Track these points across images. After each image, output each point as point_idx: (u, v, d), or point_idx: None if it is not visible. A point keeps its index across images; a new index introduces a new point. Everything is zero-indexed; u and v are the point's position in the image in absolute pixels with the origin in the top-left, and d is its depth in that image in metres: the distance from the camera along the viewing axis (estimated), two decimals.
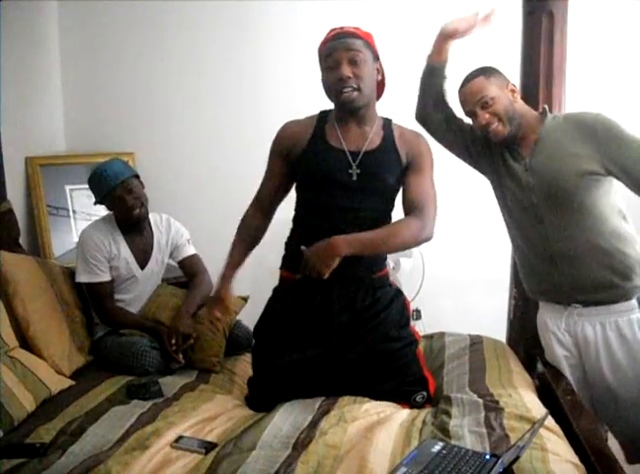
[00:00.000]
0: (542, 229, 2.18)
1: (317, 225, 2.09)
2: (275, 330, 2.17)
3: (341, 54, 2.01)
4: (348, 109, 2.07)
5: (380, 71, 2.13)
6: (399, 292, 2.26)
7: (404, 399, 2.13)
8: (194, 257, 2.84)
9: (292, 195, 2.24)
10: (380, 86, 2.17)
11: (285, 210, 2.26)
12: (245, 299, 2.78)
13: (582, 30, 2.97)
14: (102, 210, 3.15)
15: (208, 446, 1.76)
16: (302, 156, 2.12)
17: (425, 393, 2.17)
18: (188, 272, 2.83)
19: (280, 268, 2.23)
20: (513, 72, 2.67)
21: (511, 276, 2.73)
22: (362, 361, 2.11)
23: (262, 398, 2.13)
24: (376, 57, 2.11)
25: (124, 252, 2.64)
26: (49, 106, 3.52)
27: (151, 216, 2.75)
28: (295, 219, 2.21)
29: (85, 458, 1.67)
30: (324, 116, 2.18)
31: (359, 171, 2.07)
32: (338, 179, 2.07)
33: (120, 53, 3.57)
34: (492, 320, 2.59)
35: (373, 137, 2.13)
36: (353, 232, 2.01)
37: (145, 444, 1.73)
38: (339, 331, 2.10)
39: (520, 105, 2.22)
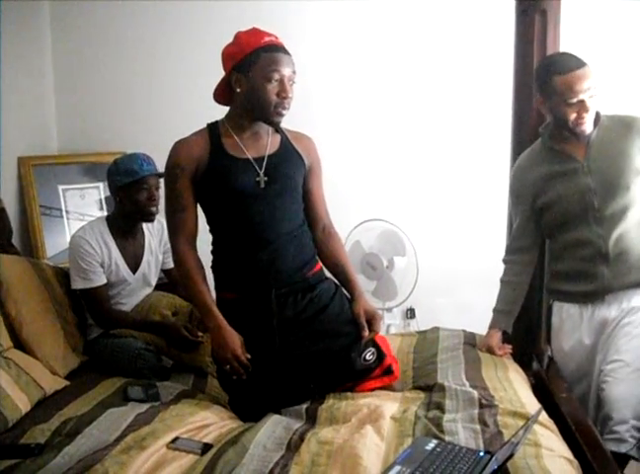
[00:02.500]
0: (600, 230, 2.23)
1: (239, 238, 2.09)
2: None
3: (286, 71, 1.99)
4: (273, 125, 2.09)
5: None
6: (338, 286, 2.24)
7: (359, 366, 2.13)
8: None
9: None
10: None
11: None
12: None
13: (575, 28, 2.98)
14: (95, 210, 3.14)
15: (204, 447, 1.76)
16: (207, 173, 2.07)
17: (373, 349, 2.15)
18: (175, 281, 2.80)
19: (216, 290, 2.18)
20: (506, 71, 2.69)
21: None
22: (315, 360, 2.10)
23: (246, 414, 2.11)
24: None
25: (115, 255, 2.62)
26: (42, 106, 3.52)
27: None
28: (216, 240, 2.17)
29: (80, 458, 1.67)
30: (214, 128, 2.13)
31: (266, 178, 2.07)
32: (247, 189, 2.06)
33: (112, 54, 3.57)
34: (487, 318, 2.60)
35: (272, 141, 2.13)
36: (273, 237, 2.06)
37: (142, 445, 1.72)
38: (280, 334, 2.08)
39: None
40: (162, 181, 2.58)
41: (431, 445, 1.66)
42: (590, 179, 2.22)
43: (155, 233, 2.79)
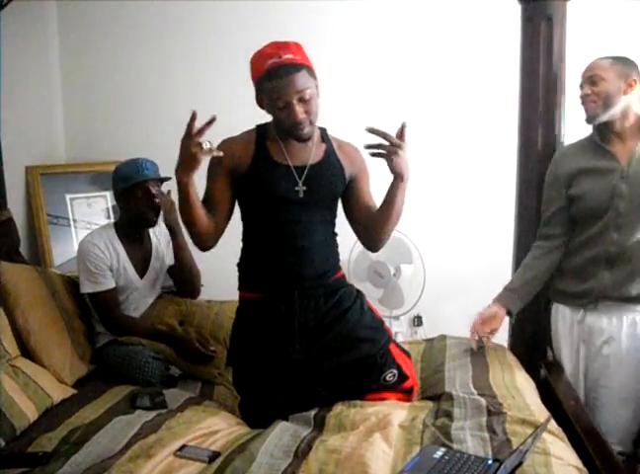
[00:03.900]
0: (616, 235, 2.25)
1: (271, 241, 2.11)
2: (249, 353, 2.16)
3: (291, 96, 1.96)
4: (300, 141, 2.06)
5: (317, 86, 2.06)
6: (360, 292, 2.27)
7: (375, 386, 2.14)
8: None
9: None
10: None
11: None
12: None
13: (581, 34, 2.97)
14: (102, 219, 3.15)
15: (212, 455, 1.76)
16: (248, 175, 2.09)
17: (395, 371, 2.15)
18: (175, 277, 2.83)
19: (240, 289, 2.21)
20: (512, 77, 2.69)
21: None
22: (332, 368, 2.11)
23: (256, 419, 2.12)
24: (315, 76, 2.04)
25: (124, 260, 2.63)
26: (49, 115, 3.53)
27: None
28: (247, 238, 2.19)
29: (88, 467, 1.67)
30: (262, 130, 2.14)
31: (305, 188, 2.08)
32: (285, 196, 2.07)
33: (120, 63, 3.59)
34: None
35: (316, 150, 2.13)
36: (305, 244, 2.08)
37: (149, 453, 1.72)
38: (301, 337, 2.10)
39: (633, 103, 2.28)
40: (164, 184, 2.61)
41: (439, 453, 1.65)
42: (624, 183, 2.25)
43: (162, 238, 2.80)
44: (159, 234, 2.79)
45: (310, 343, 2.11)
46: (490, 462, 1.60)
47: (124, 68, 3.59)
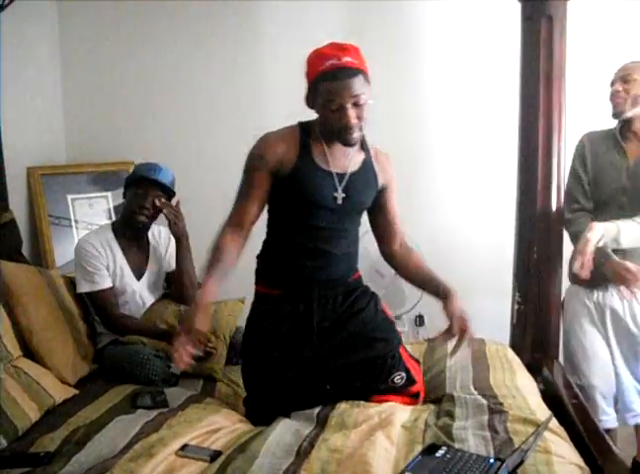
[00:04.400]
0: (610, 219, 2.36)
1: (299, 243, 2.09)
2: (262, 349, 2.14)
3: (345, 100, 1.92)
4: (346, 146, 2.03)
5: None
6: (374, 293, 2.30)
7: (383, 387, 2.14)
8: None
9: None
10: None
11: None
12: (242, 302, 2.74)
13: (581, 33, 2.98)
14: (103, 219, 3.16)
15: (213, 455, 1.76)
16: (290, 177, 2.03)
17: (403, 374, 2.15)
18: (173, 284, 2.79)
19: (256, 283, 2.19)
20: (513, 76, 2.69)
21: (513, 280, 2.73)
22: (345, 365, 2.12)
23: (260, 415, 2.12)
24: (369, 81, 2.00)
25: (120, 261, 2.64)
26: (51, 116, 3.54)
27: None
28: (273, 236, 2.16)
29: (90, 467, 1.67)
30: (306, 129, 2.08)
31: (344, 195, 2.07)
32: (323, 203, 2.05)
33: (121, 64, 3.59)
34: (496, 325, 2.60)
35: (356, 158, 2.11)
36: (333, 249, 2.08)
37: (150, 452, 1.72)
38: (320, 336, 2.11)
39: None
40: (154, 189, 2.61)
41: (441, 452, 1.65)
42: (629, 180, 2.42)
43: (161, 242, 2.80)
44: (159, 237, 2.79)
45: (322, 341, 2.11)
46: (492, 461, 1.60)
47: (125, 68, 3.60)
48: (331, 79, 1.92)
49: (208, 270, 1.96)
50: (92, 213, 2.82)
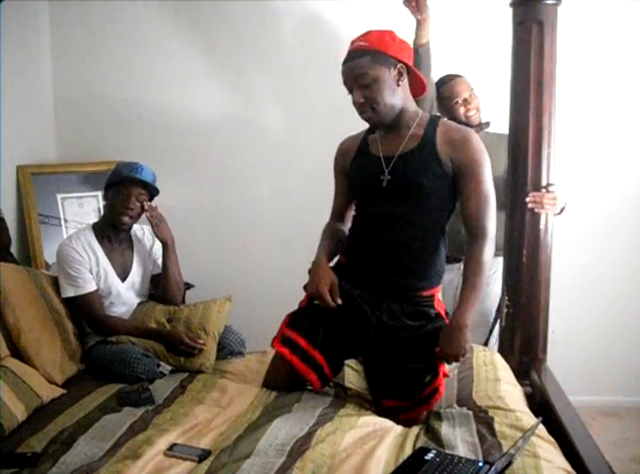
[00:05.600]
0: None
1: (359, 229, 2.23)
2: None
3: (350, 81, 2.05)
4: (371, 125, 2.16)
5: (404, 72, 2.05)
6: (438, 317, 2.18)
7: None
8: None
9: None
10: (416, 83, 2.14)
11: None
12: (230, 300, 2.74)
13: (571, 38, 2.99)
14: (93, 219, 3.14)
15: (202, 454, 1.74)
16: (349, 169, 2.22)
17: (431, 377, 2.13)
18: (158, 287, 2.78)
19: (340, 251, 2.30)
20: (504, 81, 2.70)
21: (502, 284, 2.74)
22: (389, 365, 2.14)
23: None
24: (395, 61, 2.03)
25: (103, 262, 2.62)
26: (41, 115, 3.52)
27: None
28: (352, 221, 2.31)
29: (76, 468, 1.66)
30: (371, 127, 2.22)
31: (389, 177, 2.08)
32: (369, 186, 2.13)
33: (112, 62, 3.57)
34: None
35: (410, 140, 2.10)
36: (389, 235, 2.10)
37: (137, 453, 1.71)
38: (377, 326, 2.14)
39: None
40: (137, 189, 2.60)
41: (430, 455, 1.66)
42: None
43: (145, 242, 2.79)
44: (142, 237, 2.78)
45: (380, 330, 2.14)
46: (480, 464, 1.61)
47: (117, 68, 3.58)
48: (342, 64, 2.07)
49: (319, 248, 2.25)
50: (82, 213, 2.80)
